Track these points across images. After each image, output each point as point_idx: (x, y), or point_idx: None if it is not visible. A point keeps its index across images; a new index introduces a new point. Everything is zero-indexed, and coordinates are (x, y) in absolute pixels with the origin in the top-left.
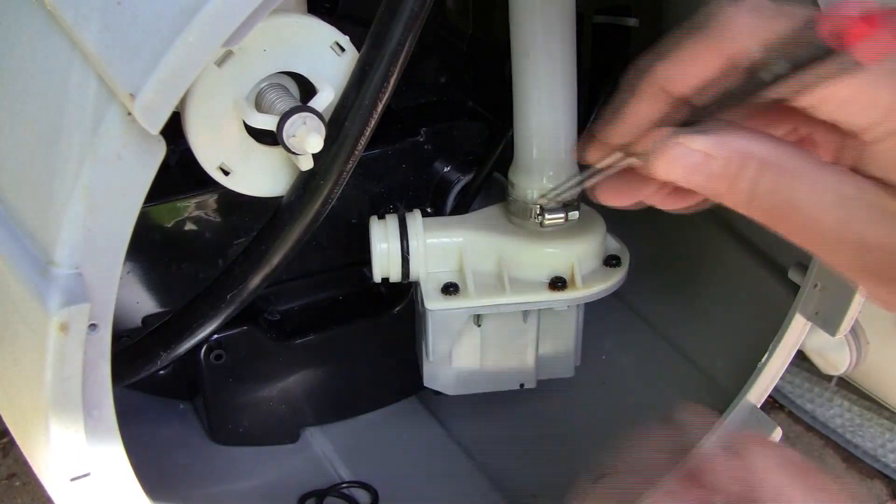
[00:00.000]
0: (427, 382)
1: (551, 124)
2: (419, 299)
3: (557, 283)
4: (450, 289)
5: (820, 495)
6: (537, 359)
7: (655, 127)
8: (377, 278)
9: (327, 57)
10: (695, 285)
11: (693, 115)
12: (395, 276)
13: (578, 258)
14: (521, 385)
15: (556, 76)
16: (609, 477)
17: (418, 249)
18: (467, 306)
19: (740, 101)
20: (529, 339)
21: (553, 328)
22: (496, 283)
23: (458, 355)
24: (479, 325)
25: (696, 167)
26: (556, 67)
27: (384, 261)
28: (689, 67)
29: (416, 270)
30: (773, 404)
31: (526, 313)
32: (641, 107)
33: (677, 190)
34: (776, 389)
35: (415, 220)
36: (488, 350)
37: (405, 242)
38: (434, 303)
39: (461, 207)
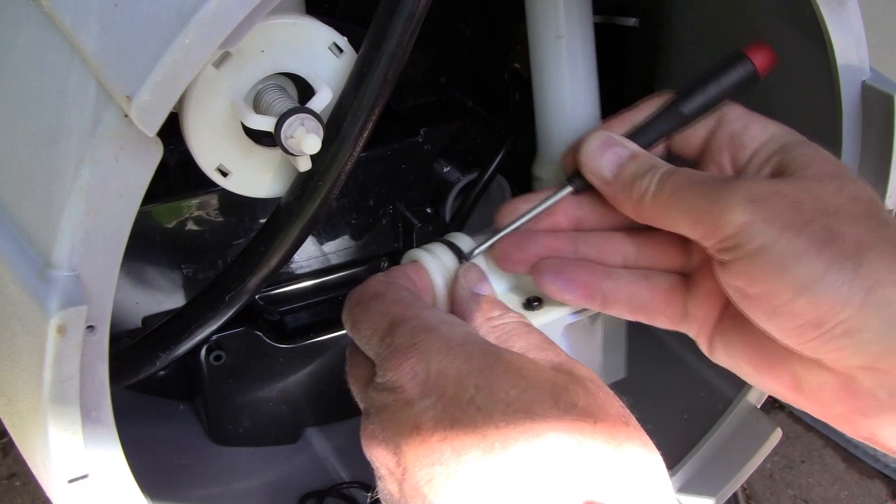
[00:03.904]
0: None
1: (589, 106)
2: None
3: None
4: (534, 303)
5: None
6: (603, 364)
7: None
8: None
9: (325, 58)
10: None
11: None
12: None
13: None
14: None
15: (591, 57)
16: None
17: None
18: (560, 316)
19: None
20: (598, 344)
21: (608, 329)
22: None
23: None
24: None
25: (619, 160)
26: (589, 49)
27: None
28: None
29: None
30: (774, 404)
31: (594, 316)
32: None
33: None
34: None
35: (463, 240)
36: None
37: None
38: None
39: (461, 208)
